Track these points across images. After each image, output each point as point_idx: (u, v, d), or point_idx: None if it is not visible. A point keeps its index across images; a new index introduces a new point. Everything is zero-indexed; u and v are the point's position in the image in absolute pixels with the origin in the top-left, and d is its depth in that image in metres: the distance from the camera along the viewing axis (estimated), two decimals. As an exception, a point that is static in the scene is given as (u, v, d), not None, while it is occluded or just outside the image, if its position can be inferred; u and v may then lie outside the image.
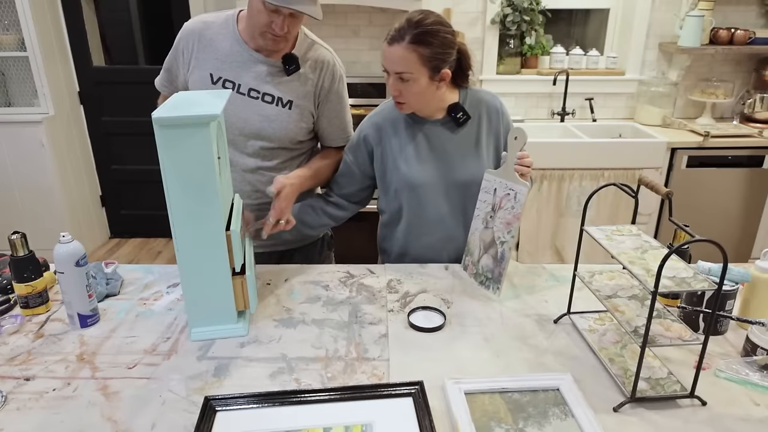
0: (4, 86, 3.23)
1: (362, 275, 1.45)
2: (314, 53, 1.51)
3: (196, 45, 1.46)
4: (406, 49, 1.29)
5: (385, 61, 1.33)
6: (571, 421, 0.93)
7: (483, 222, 1.36)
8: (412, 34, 1.28)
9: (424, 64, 1.30)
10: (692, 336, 0.95)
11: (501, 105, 1.50)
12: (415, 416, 0.92)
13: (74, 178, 3.43)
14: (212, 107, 1.07)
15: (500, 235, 1.31)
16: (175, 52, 1.50)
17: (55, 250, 1.15)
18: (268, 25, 1.35)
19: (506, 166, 1.30)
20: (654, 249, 1.03)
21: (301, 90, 1.49)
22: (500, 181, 1.31)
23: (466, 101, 1.46)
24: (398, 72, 1.32)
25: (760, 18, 3.13)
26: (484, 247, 1.36)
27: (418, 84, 1.33)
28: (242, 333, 1.18)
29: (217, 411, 0.94)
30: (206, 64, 1.46)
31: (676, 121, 3.11)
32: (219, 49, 1.46)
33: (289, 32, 1.38)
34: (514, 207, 1.27)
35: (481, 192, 1.37)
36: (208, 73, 1.46)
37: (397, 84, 1.34)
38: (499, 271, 1.31)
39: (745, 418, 0.94)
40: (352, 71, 3.27)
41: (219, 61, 1.46)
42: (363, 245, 3.04)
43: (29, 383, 1.03)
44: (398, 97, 1.37)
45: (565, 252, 2.92)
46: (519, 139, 1.27)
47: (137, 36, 3.67)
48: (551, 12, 3.16)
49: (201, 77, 1.46)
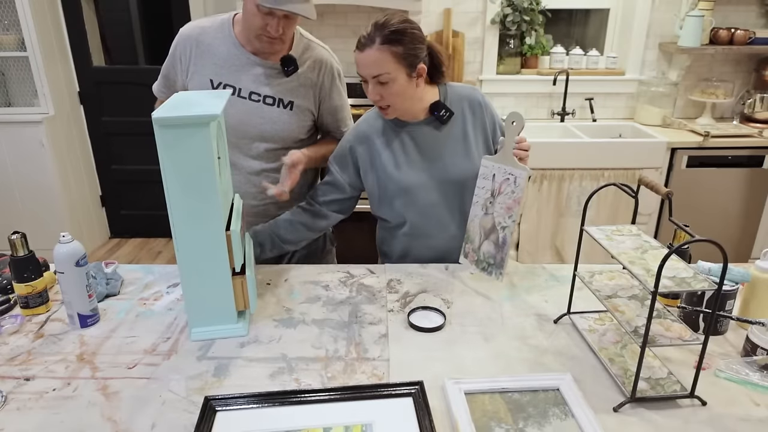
0: (4, 86, 3.23)
1: (362, 275, 1.45)
2: (311, 53, 1.51)
3: (194, 51, 1.46)
4: (379, 50, 1.29)
5: (360, 68, 1.33)
6: (571, 421, 0.93)
7: (482, 208, 1.35)
8: (381, 35, 1.28)
9: (399, 62, 1.31)
10: (692, 336, 0.95)
11: (482, 97, 1.49)
12: (415, 416, 0.92)
13: (74, 178, 3.43)
14: (212, 107, 1.07)
15: (501, 220, 1.30)
16: (173, 58, 1.50)
17: (55, 250, 1.15)
18: (263, 27, 1.35)
19: (504, 151, 1.29)
20: (654, 249, 1.03)
21: (301, 90, 1.49)
22: (499, 167, 1.30)
23: (447, 98, 1.46)
24: (375, 75, 1.31)
25: (760, 18, 3.13)
26: (484, 234, 1.35)
27: (397, 84, 1.33)
28: (242, 333, 1.17)
29: (217, 411, 0.94)
30: (205, 69, 1.46)
31: (676, 121, 3.11)
32: (217, 53, 1.46)
33: (285, 33, 1.38)
34: (515, 191, 1.26)
35: (480, 178, 1.35)
36: (207, 78, 1.46)
37: (377, 89, 1.34)
38: (501, 256, 1.31)
39: (745, 418, 0.94)
40: (352, 71, 3.26)
41: (218, 66, 1.46)
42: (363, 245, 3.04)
43: (29, 383, 1.03)
44: (380, 101, 1.36)
45: (565, 252, 2.93)
46: (516, 123, 1.26)
47: (137, 36, 3.67)
48: (551, 12, 3.16)
49: (201, 83, 1.46)
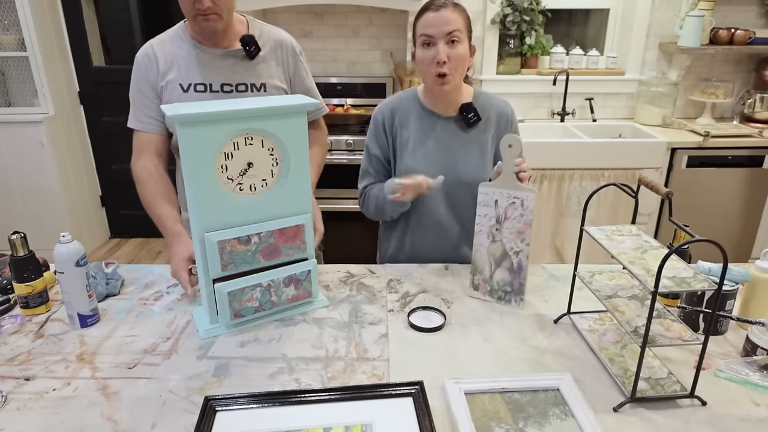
0: (4, 86, 3.23)
1: (362, 275, 1.45)
2: (269, 36, 1.54)
3: (160, 65, 1.46)
4: (454, 11, 1.35)
5: (433, 27, 1.34)
6: (571, 421, 0.93)
7: (488, 236, 1.29)
8: (452, 3, 1.37)
9: (466, 28, 1.38)
10: (692, 336, 0.95)
11: (512, 113, 1.52)
12: (415, 416, 0.92)
13: (74, 178, 3.43)
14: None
15: (513, 245, 1.26)
16: (138, 81, 1.48)
17: (55, 250, 1.15)
18: (193, 4, 1.36)
19: (504, 175, 1.24)
20: (654, 249, 1.03)
21: (270, 71, 1.51)
22: (500, 192, 1.25)
23: (478, 103, 1.47)
24: (450, 31, 1.34)
25: (760, 18, 3.13)
26: (495, 262, 1.30)
27: (463, 46, 1.37)
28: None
29: (217, 411, 0.94)
30: (173, 76, 1.46)
31: (676, 121, 3.11)
32: (179, 57, 1.46)
33: (216, 5, 1.37)
34: (524, 215, 1.23)
35: (479, 206, 1.29)
36: (177, 84, 1.46)
37: (446, 49, 1.35)
38: (519, 282, 1.27)
39: (745, 418, 0.94)
40: (352, 71, 3.28)
41: (184, 69, 1.46)
42: (363, 245, 3.05)
43: (29, 383, 1.03)
44: (446, 64, 1.35)
45: (565, 252, 2.93)
46: (514, 147, 1.22)
47: (137, 36, 3.67)
48: (551, 12, 3.16)
49: (172, 90, 1.46)
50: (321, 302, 1.30)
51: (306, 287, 1.25)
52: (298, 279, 1.23)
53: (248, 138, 1.12)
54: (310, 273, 1.24)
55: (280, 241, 1.19)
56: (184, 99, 1.45)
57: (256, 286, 1.18)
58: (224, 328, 1.19)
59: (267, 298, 1.21)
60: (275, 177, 1.18)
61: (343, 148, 2.83)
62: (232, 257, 1.15)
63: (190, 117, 1.04)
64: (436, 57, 1.35)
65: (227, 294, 1.15)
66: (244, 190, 1.15)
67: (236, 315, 1.18)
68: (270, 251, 1.19)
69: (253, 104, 1.13)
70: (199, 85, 1.46)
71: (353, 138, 2.83)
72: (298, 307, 1.27)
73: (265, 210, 1.18)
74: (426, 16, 1.36)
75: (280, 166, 1.18)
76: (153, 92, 1.47)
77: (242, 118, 1.09)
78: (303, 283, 1.24)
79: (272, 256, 1.20)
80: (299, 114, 1.15)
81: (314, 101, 1.18)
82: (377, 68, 3.26)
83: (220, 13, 1.40)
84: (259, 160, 1.15)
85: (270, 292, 1.21)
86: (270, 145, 1.15)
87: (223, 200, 1.13)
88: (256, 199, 1.17)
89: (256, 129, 1.12)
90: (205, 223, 1.12)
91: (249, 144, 1.13)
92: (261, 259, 1.19)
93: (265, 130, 1.13)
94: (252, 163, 1.14)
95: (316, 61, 3.23)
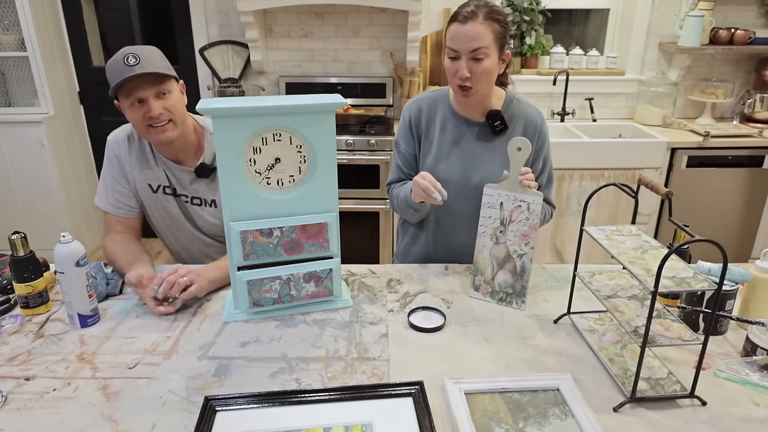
0: (4, 86, 3.23)
1: (362, 275, 1.45)
2: (212, 151, 1.49)
3: (124, 160, 1.49)
4: (482, 24, 1.30)
5: (459, 42, 1.32)
6: (571, 421, 0.93)
7: (492, 238, 1.29)
8: (485, 12, 1.31)
9: (496, 41, 1.33)
10: (692, 336, 0.95)
11: (542, 124, 1.48)
12: (415, 416, 0.92)
13: (74, 178, 3.43)
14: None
15: (517, 248, 1.26)
16: (110, 163, 1.50)
17: (55, 250, 1.15)
18: (144, 115, 1.34)
19: (512, 178, 1.24)
20: (654, 249, 1.03)
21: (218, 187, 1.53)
22: (506, 194, 1.25)
23: (509, 110, 1.45)
24: (474, 49, 1.31)
25: (760, 18, 3.13)
26: (497, 264, 1.30)
27: (489, 61, 1.33)
28: None
29: (217, 411, 0.94)
30: (139, 176, 1.50)
31: (676, 121, 3.11)
32: (142, 163, 1.49)
33: (169, 112, 1.36)
34: (529, 218, 1.23)
35: (484, 208, 1.29)
36: (146, 184, 1.50)
37: (470, 64, 1.33)
38: (522, 284, 1.27)
39: (745, 418, 0.94)
40: (352, 71, 3.27)
41: (149, 172, 1.49)
42: (363, 245, 3.04)
43: (29, 383, 1.03)
44: (468, 80, 1.34)
45: (565, 252, 2.92)
46: (523, 150, 1.22)
47: (137, 36, 3.66)
48: (551, 12, 3.17)
49: (144, 189, 1.51)
50: (344, 302, 1.30)
51: (327, 285, 1.26)
52: (318, 276, 1.24)
53: (276, 134, 1.16)
54: (331, 272, 1.26)
55: (303, 237, 1.22)
56: (153, 198, 1.51)
57: (276, 278, 1.22)
58: (244, 314, 1.24)
59: (286, 291, 1.23)
60: (303, 174, 1.21)
61: (344, 148, 2.83)
62: (254, 248, 1.19)
63: (220, 111, 1.10)
64: (458, 72, 1.34)
65: (246, 282, 1.20)
66: (271, 185, 1.19)
67: (255, 303, 1.22)
68: (292, 246, 1.22)
69: (280, 101, 1.16)
70: (167, 188, 1.51)
71: (353, 138, 2.83)
72: (319, 304, 1.28)
73: (290, 205, 1.21)
74: (453, 27, 1.33)
75: (308, 163, 1.20)
76: (125, 180, 1.50)
77: (269, 114, 1.13)
78: (324, 281, 1.25)
79: (294, 251, 1.22)
80: (327, 113, 1.16)
81: (343, 101, 1.17)
82: (377, 68, 3.26)
83: (176, 120, 1.38)
84: (287, 156, 1.18)
85: (289, 286, 1.23)
86: (298, 143, 1.18)
87: (250, 192, 1.18)
88: (282, 194, 1.20)
89: (284, 126, 1.15)
90: (232, 213, 1.17)
91: (277, 140, 1.16)
92: (282, 253, 1.22)
93: (292, 127, 1.16)
94: (279, 159, 1.17)
95: (316, 61, 3.22)
